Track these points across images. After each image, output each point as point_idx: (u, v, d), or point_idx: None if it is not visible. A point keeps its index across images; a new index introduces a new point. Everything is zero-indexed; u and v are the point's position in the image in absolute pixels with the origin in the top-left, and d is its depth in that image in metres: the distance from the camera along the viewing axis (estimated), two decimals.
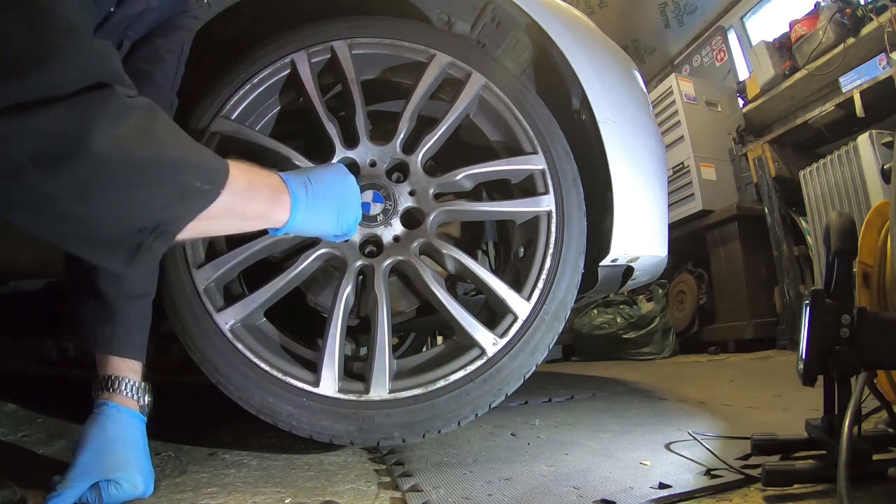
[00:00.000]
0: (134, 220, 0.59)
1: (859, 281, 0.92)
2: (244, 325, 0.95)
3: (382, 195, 1.00)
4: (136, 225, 0.60)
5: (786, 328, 3.04)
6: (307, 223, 0.78)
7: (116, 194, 0.57)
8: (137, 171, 0.57)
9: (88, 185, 0.55)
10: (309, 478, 0.86)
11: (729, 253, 3.39)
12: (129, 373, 0.82)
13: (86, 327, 0.82)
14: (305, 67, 1.04)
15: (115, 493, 0.72)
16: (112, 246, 0.60)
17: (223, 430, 1.17)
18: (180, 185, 0.61)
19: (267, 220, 0.74)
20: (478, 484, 0.80)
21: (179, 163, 0.61)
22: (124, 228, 0.59)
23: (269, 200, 0.73)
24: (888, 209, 0.93)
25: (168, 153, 0.60)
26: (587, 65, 1.13)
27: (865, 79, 2.76)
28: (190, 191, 0.62)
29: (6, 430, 1.06)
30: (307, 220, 0.77)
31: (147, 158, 0.58)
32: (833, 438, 0.74)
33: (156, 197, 0.60)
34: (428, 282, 0.96)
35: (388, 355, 0.93)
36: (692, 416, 1.32)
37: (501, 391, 0.94)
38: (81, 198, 0.55)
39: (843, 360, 0.74)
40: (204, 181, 0.63)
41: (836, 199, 2.74)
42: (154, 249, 0.61)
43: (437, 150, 1.05)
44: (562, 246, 1.00)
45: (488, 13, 1.18)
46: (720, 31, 4.33)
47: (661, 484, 0.76)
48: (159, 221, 0.60)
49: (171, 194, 0.61)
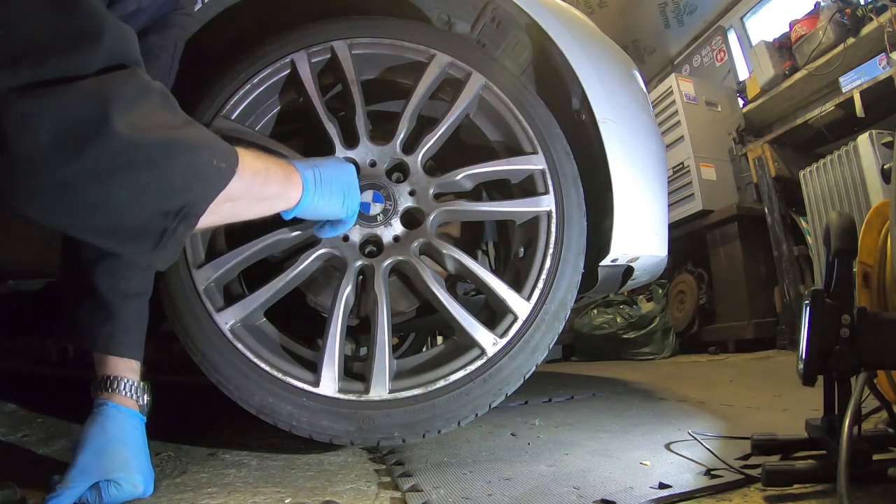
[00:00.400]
0: (157, 204, 0.60)
1: (859, 281, 0.92)
2: (244, 325, 0.95)
3: (382, 195, 1.00)
4: (160, 209, 0.60)
5: (786, 328, 3.04)
6: (317, 204, 0.82)
7: (138, 176, 0.57)
8: (158, 151, 0.58)
9: (110, 169, 0.55)
10: (309, 478, 0.86)
11: (729, 253, 3.39)
12: (128, 372, 0.82)
13: (83, 327, 0.82)
14: (305, 67, 1.04)
15: (115, 493, 0.72)
16: (136, 233, 0.60)
17: (223, 430, 1.17)
18: (199, 163, 0.62)
19: (284, 199, 0.77)
20: (478, 484, 0.80)
21: (196, 142, 0.62)
22: (148, 213, 0.60)
23: (283, 181, 0.76)
24: (888, 209, 0.93)
25: (185, 133, 0.62)
26: (587, 65, 1.13)
27: (865, 79, 2.76)
28: (209, 169, 0.63)
29: (6, 430, 1.06)
30: (317, 201, 0.82)
31: (166, 138, 0.59)
32: (833, 438, 0.74)
33: (177, 177, 0.60)
34: (428, 282, 0.95)
35: (388, 355, 0.93)
36: (692, 416, 1.32)
37: (501, 391, 0.94)
38: (103, 182, 0.55)
39: (843, 360, 0.74)
40: (220, 159, 0.64)
41: (836, 199, 2.74)
42: (178, 234, 0.62)
43: (437, 150, 1.05)
44: (562, 246, 1.00)
45: (488, 13, 1.18)
46: (720, 31, 4.34)
47: (661, 484, 0.76)
48: (183, 203, 0.61)
49: (192, 174, 0.61)
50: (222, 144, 0.67)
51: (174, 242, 0.62)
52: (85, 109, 0.52)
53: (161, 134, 0.58)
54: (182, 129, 0.62)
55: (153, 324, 0.89)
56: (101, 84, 0.54)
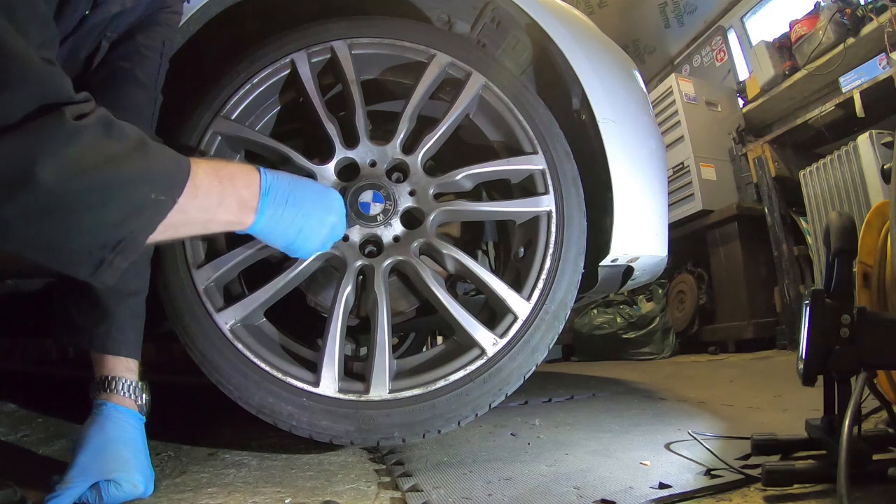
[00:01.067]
0: (93, 239, 0.59)
1: (859, 281, 0.92)
2: (244, 324, 0.95)
3: (382, 195, 0.99)
4: (97, 243, 0.60)
5: (786, 328, 3.04)
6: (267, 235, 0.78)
7: (70, 217, 0.57)
8: (89, 194, 0.57)
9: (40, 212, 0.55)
10: (309, 478, 0.86)
11: (729, 253, 3.38)
12: (126, 372, 0.82)
13: (80, 327, 0.82)
14: (305, 67, 1.04)
15: (115, 493, 0.72)
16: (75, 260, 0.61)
17: (223, 430, 1.17)
18: (136, 198, 0.60)
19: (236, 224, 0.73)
20: (478, 484, 0.80)
21: (133, 177, 0.60)
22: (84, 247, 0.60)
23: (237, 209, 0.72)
24: (888, 209, 0.93)
25: (120, 170, 0.59)
26: (587, 65, 1.13)
27: (865, 79, 2.76)
28: (145, 204, 0.61)
29: (6, 430, 1.06)
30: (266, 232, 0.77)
31: (97, 179, 0.57)
32: (833, 438, 0.74)
33: (111, 214, 0.59)
34: (428, 282, 0.95)
35: (388, 355, 0.93)
36: (692, 416, 1.32)
37: (501, 391, 0.94)
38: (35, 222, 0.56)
39: (843, 360, 0.74)
40: (159, 192, 0.62)
41: (836, 199, 2.74)
42: (116, 263, 0.61)
43: (437, 150, 1.05)
44: (562, 246, 1.00)
45: (488, 13, 1.18)
46: (720, 31, 4.33)
47: (661, 484, 0.76)
48: (120, 238, 0.60)
49: (127, 210, 0.60)
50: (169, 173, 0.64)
51: (111, 271, 0.62)
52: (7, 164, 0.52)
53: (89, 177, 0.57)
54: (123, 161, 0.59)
55: (153, 324, 0.89)
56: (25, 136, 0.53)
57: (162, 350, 2.32)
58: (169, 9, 0.91)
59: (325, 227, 0.84)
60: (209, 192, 0.68)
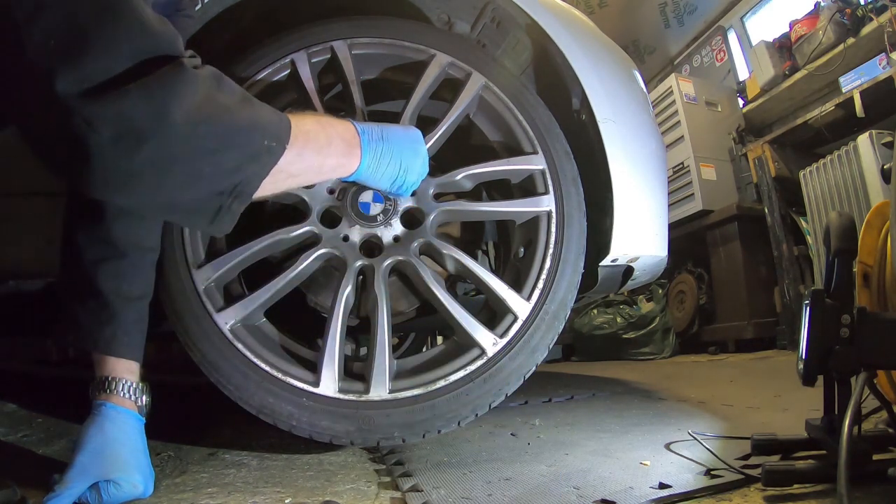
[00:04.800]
0: (212, 185, 0.65)
1: (859, 281, 0.92)
2: (244, 325, 0.95)
3: (382, 195, 0.99)
4: (215, 189, 0.65)
5: (786, 328, 3.04)
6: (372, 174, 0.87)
7: (193, 163, 0.62)
8: (211, 139, 0.62)
9: (166, 160, 0.59)
10: (309, 478, 0.86)
11: (729, 253, 3.39)
12: (127, 374, 0.82)
13: (85, 328, 0.82)
14: (305, 67, 1.04)
15: (115, 493, 0.72)
16: (194, 210, 0.66)
17: (223, 430, 1.17)
18: (251, 146, 0.66)
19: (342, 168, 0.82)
20: (478, 484, 0.80)
21: (247, 125, 0.65)
22: (204, 194, 0.65)
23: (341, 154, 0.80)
24: (888, 209, 0.92)
25: (236, 117, 0.64)
26: (587, 65, 1.13)
27: (865, 79, 2.76)
28: (259, 150, 0.67)
29: (6, 430, 1.06)
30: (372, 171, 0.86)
31: (218, 125, 0.62)
32: (833, 438, 0.73)
33: (229, 160, 0.64)
34: (428, 282, 0.95)
35: (388, 355, 0.93)
36: (692, 416, 1.32)
37: (501, 391, 0.94)
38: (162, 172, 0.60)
39: (843, 360, 0.74)
40: (271, 139, 0.68)
41: (836, 199, 2.74)
42: (233, 209, 0.68)
43: (437, 150, 1.05)
44: (562, 246, 1.00)
45: (488, 13, 1.18)
46: (720, 31, 4.34)
47: (661, 484, 0.76)
48: (236, 182, 0.66)
49: (243, 156, 0.65)
50: (275, 122, 0.70)
51: (229, 217, 0.68)
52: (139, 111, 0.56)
53: (212, 123, 0.61)
54: (236, 111, 0.65)
55: (153, 324, 0.89)
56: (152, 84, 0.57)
57: (162, 350, 2.32)
58: (183, 12, 0.92)
59: (420, 158, 0.92)
60: (318, 136, 0.76)
